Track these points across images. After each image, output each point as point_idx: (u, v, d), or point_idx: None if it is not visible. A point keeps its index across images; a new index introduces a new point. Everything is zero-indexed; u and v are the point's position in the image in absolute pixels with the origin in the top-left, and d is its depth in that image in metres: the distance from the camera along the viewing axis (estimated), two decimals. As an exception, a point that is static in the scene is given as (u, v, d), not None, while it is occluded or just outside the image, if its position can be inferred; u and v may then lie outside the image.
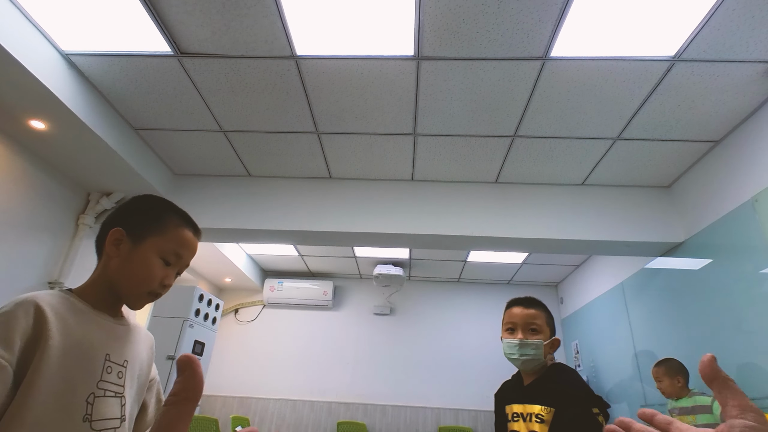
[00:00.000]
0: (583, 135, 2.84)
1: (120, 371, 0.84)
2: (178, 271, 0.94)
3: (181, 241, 0.92)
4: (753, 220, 2.45)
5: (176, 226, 0.92)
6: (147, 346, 0.97)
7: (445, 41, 2.18)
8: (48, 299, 0.79)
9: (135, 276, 0.86)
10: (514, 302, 1.51)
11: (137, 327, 0.96)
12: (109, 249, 0.88)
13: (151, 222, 0.91)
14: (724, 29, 2.03)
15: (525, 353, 1.40)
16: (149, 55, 2.36)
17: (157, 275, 0.87)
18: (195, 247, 0.95)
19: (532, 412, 1.33)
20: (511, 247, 3.50)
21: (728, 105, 2.49)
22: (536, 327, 1.43)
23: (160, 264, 0.88)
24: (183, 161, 3.42)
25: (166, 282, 0.89)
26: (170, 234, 0.91)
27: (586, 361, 4.58)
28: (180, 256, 0.91)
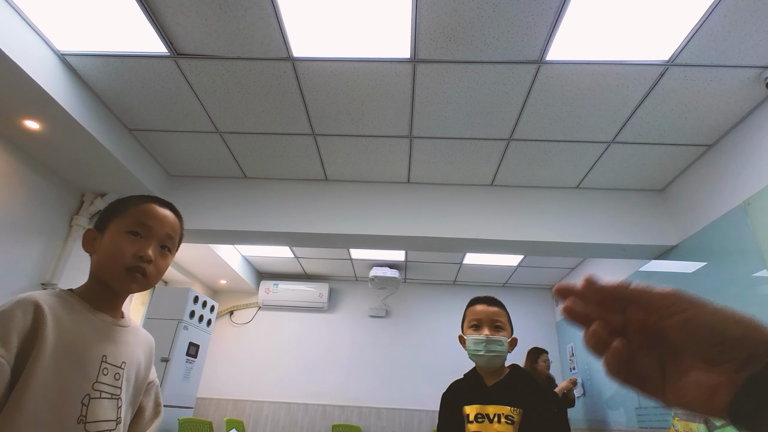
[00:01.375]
0: (578, 138, 2.86)
1: (117, 373, 0.84)
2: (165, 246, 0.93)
3: (142, 211, 0.91)
4: (745, 223, 2.48)
5: (136, 204, 0.92)
6: (146, 348, 0.97)
7: (441, 44, 2.20)
8: (47, 299, 0.80)
9: (107, 257, 0.86)
10: (476, 300, 1.52)
11: (137, 329, 0.96)
12: (87, 248, 0.91)
13: (115, 209, 0.92)
14: (717, 35, 2.05)
15: (492, 349, 1.40)
16: (145, 56, 2.36)
17: (127, 248, 0.86)
18: (164, 217, 0.93)
19: (500, 413, 1.33)
20: (506, 249, 3.51)
21: (721, 109, 2.51)
22: (500, 324, 1.44)
23: (127, 238, 0.87)
24: (178, 162, 3.40)
25: (141, 254, 0.86)
26: (131, 210, 0.91)
27: (581, 365, 4.59)
28: (146, 225, 0.89)
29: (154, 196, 0.97)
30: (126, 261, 0.85)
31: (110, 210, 0.93)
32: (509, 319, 1.49)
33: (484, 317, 1.45)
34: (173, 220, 0.97)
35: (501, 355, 1.41)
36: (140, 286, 0.89)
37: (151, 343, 1.00)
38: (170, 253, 0.96)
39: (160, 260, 0.91)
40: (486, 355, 1.40)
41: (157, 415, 0.97)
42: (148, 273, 0.88)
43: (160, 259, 0.91)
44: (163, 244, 0.93)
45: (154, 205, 0.94)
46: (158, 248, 0.91)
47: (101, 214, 0.94)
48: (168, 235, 0.93)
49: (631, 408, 3.56)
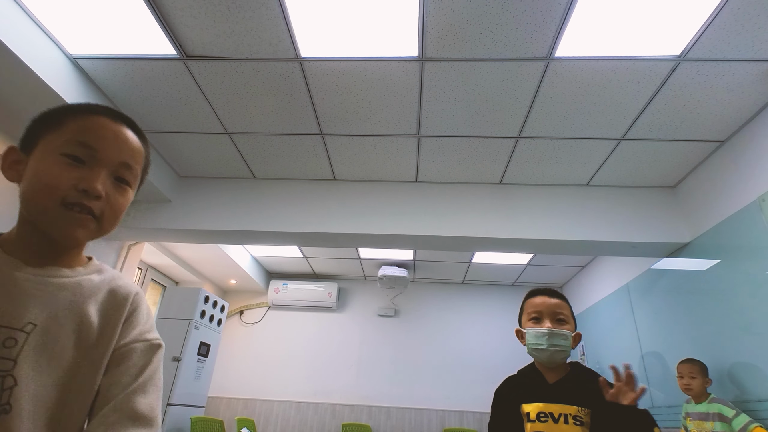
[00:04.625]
0: (587, 135, 2.83)
1: (12, 337, 0.58)
2: (120, 177, 0.68)
3: (84, 126, 0.66)
4: (759, 220, 2.44)
5: (76, 115, 0.67)
6: (109, 300, 0.70)
7: (448, 42, 2.19)
8: None
9: (34, 189, 0.62)
10: (536, 292, 1.42)
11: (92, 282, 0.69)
12: (8, 175, 0.67)
13: (45, 121, 0.68)
14: (730, 28, 2.02)
15: (555, 343, 1.29)
16: (155, 58, 2.38)
17: (61, 176, 0.62)
18: (117, 135, 0.68)
19: (567, 413, 1.23)
20: (515, 248, 3.49)
21: (734, 104, 2.47)
22: (563, 317, 1.34)
23: (61, 162, 0.63)
24: (188, 163, 3.43)
25: (83, 185, 0.62)
26: (68, 125, 0.66)
27: (591, 363, 4.55)
28: (88, 145, 0.64)
29: (103, 106, 0.70)
30: (62, 193, 0.61)
31: (39, 122, 0.68)
32: (572, 312, 1.39)
33: (544, 309, 1.35)
34: (133, 142, 0.70)
35: (564, 350, 1.30)
36: (88, 232, 0.64)
37: (125, 293, 0.72)
38: (129, 187, 0.70)
39: (116, 196, 0.67)
40: (549, 350, 1.30)
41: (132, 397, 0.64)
42: (99, 213, 0.64)
43: (116, 194, 0.67)
44: (119, 175, 0.68)
45: (101, 117, 0.68)
46: (110, 179, 0.66)
47: (27, 127, 0.68)
48: (124, 163, 0.68)
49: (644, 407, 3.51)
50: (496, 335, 5.21)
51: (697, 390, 2.55)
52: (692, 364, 2.63)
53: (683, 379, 2.62)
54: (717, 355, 2.69)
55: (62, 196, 0.61)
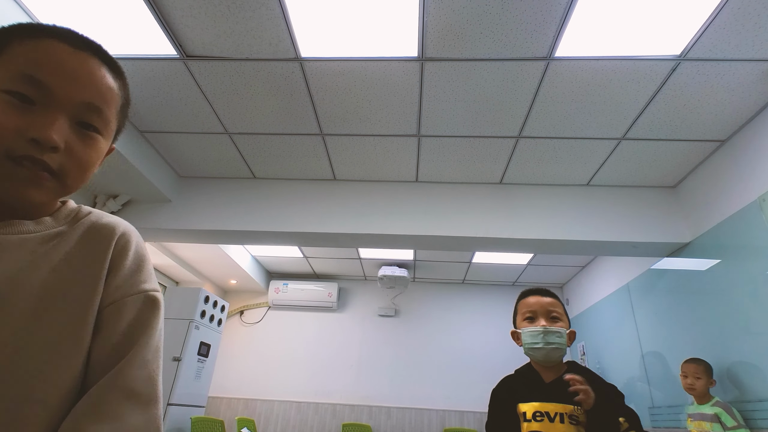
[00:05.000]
0: (587, 135, 2.83)
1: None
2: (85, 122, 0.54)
3: (34, 55, 0.51)
4: (760, 220, 2.43)
5: (23, 40, 0.52)
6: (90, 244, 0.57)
7: (448, 42, 2.19)
8: None
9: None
10: (528, 292, 1.44)
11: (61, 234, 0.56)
12: None
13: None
14: (730, 28, 2.01)
15: (551, 341, 1.31)
16: (155, 58, 2.38)
17: (2, 121, 0.48)
18: (76, 66, 0.53)
19: (562, 412, 1.24)
20: (516, 248, 3.49)
21: (734, 104, 2.47)
22: (557, 315, 1.36)
23: (3, 101, 0.49)
24: (188, 163, 3.44)
25: (32, 134, 0.48)
26: (14, 51, 0.51)
27: (592, 363, 4.55)
28: (39, 81, 0.50)
29: (61, 27, 0.55)
30: (4, 144, 0.48)
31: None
32: (565, 310, 1.40)
33: (538, 308, 1.37)
34: (100, 76, 0.55)
35: (560, 348, 1.31)
36: (46, 192, 0.52)
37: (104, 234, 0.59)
38: (100, 135, 0.56)
39: (80, 146, 0.53)
40: (544, 348, 1.31)
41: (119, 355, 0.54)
42: (58, 169, 0.51)
43: (80, 143, 0.53)
44: (83, 120, 0.54)
45: (57, 43, 0.53)
46: (71, 125, 0.53)
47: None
48: (88, 103, 0.54)
49: (645, 407, 3.52)
50: (496, 335, 5.21)
51: (700, 391, 2.54)
52: (698, 364, 2.61)
53: (687, 378, 2.60)
54: (717, 355, 2.69)
55: (6, 147, 0.48)
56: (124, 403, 0.52)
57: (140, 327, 0.57)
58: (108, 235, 0.58)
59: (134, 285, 0.58)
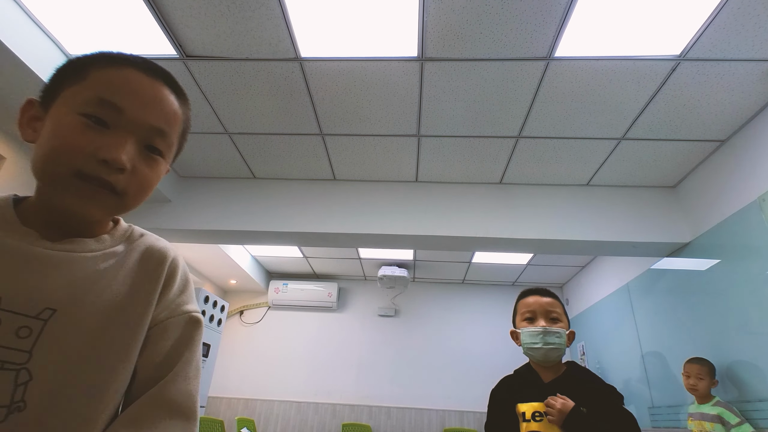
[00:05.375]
0: (587, 135, 2.83)
1: (26, 326, 0.50)
2: (152, 146, 0.57)
3: (111, 80, 0.55)
4: (760, 220, 2.44)
5: (102, 67, 0.56)
6: (145, 268, 0.61)
7: (448, 42, 2.19)
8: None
9: (45, 152, 0.52)
10: (528, 292, 1.44)
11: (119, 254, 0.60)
12: (24, 133, 0.57)
13: (67, 71, 0.57)
14: (730, 28, 2.01)
15: (549, 341, 1.31)
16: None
17: (77, 142, 0.51)
18: (148, 91, 0.57)
19: None
20: (515, 248, 3.49)
21: (734, 104, 2.47)
22: (556, 315, 1.36)
23: (79, 123, 0.52)
24: (188, 163, 3.43)
25: (103, 155, 0.51)
26: (91, 77, 0.55)
27: (592, 363, 4.55)
28: (114, 105, 0.53)
29: (136, 56, 0.59)
30: (76, 162, 0.51)
31: (61, 72, 0.57)
32: (565, 311, 1.40)
33: (537, 308, 1.37)
34: (170, 102, 0.59)
35: (559, 348, 1.31)
36: (107, 210, 0.55)
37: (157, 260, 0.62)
38: (162, 158, 0.59)
39: (144, 168, 0.56)
40: (543, 348, 1.31)
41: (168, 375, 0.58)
42: (121, 188, 0.53)
43: (144, 166, 0.56)
44: (150, 143, 0.56)
45: (132, 70, 0.57)
46: (139, 148, 0.55)
47: (50, 78, 0.58)
48: (157, 128, 0.57)
49: (644, 407, 3.52)
50: (496, 335, 5.21)
51: (702, 391, 2.53)
52: (701, 365, 2.59)
53: (690, 378, 2.59)
54: (717, 355, 2.69)
55: (78, 166, 0.51)
56: (165, 417, 0.55)
57: (183, 346, 0.61)
58: (162, 260, 0.63)
59: (179, 307, 0.63)
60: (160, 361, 0.58)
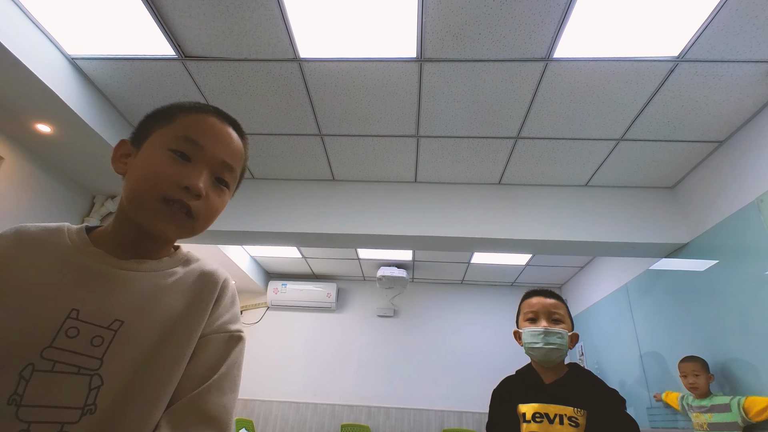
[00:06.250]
0: (586, 136, 2.84)
1: (98, 336, 0.56)
2: (221, 178, 0.68)
3: (194, 123, 0.67)
4: (758, 221, 2.44)
5: (188, 113, 0.69)
6: (196, 291, 0.68)
7: (447, 43, 2.19)
8: (32, 228, 0.63)
9: (138, 181, 0.63)
10: (532, 293, 1.45)
11: (181, 272, 0.69)
12: (117, 167, 0.68)
13: (158, 117, 0.69)
14: (728, 29, 2.02)
15: (551, 342, 1.31)
16: (153, 59, 2.38)
17: (166, 171, 0.62)
18: (224, 135, 0.69)
19: (562, 414, 1.24)
20: (514, 248, 3.49)
21: (732, 105, 2.48)
22: (559, 317, 1.37)
23: (167, 157, 0.63)
24: (187, 164, 3.43)
25: (185, 182, 0.62)
26: (179, 120, 0.67)
27: (590, 363, 4.56)
28: (195, 142, 0.65)
29: (212, 106, 0.72)
30: (163, 188, 0.61)
31: (152, 117, 0.69)
32: (568, 312, 1.41)
33: (540, 309, 1.38)
34: (237, 143, 0.71)
35: (560, 349, 1.32)
36: (181, 230, 0.64)
37: (211, 281, 0.71)
38: (228, 189, 0.70)
39: (214, 196, 0.67)
40: (544, 348, 1.32)
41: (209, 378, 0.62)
42: (195, 212, 0.64)
43: (214, 194, 0.67)
44: (219, 176, 0.68)
45: (211, 116, 0.70)
46: (212, 179, 0.67)
47: (140, 123, 0.70)
48: (226, 163, 0.68)
49: (642, 408, 3.52)
50: (495, 335, 5.21)
51: (703, 388, 2.56)
52: (694, 361, 2.64)
53: (687, 378, 2.62)
54: (715, 355, 2.69)
55: (164, 191, 0.61)
56: (196, 426, 0.59)
57: (221, 360, 0.65)
58: (215, 282, 0.71)
59: (223, 324, 0.69)
60: (198, 373, 0.62)
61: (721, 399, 2.45)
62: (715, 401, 2.47)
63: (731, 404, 2.37)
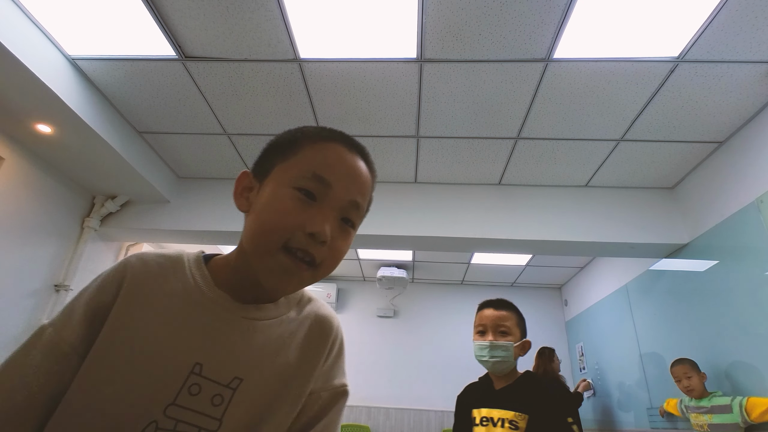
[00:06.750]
0: (586, 136, 2.84)
1: (219, 394, 0.53)
2: (347, 219, 0.58)
3: (319, 156, 0.58)
4: (758, 221, 2.44)
5: (313, 142, 0.60)
6: (309, 342, 0.63)
7: (447, 43, 2.19)
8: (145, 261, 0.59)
9: (261, 223, 0.55)
10: (485, 304, 1.52)
11: (295, 319, 0.64)
12: (239, 203, 0.61)
13: (281, 148, 0.61)
14: (728, 30, 2.02)
15: (495, 355, 1.40)
16: (154, 59, 2.38)
17: (289, 216, 0.53)
18: (351, 167, 0.59)
19: (504, 417, 1.32)
20: (514, 249, 3.50)
21: (732, 106, 2.48)
22: (506, 329, 1.44)
23: (292, 197, 0.55)
24: (187, 164, 3.43)
25: (311, 228, 0.53)
26: (303, 152, 0.59)
27: (590, 364, 4.56)
28: (324, 180, 0.56)
29: (339, 132, 0.63)
30: (286, 235, 0.53)
31: (275, 147, 0.61)
32: (519, 321, 1.48)
33: (488, 323, 1.46)
34: (366, 178, 0.61)
35: (505, 361, 1.40)
36: (302, 284, 0.57)
37: (325, 331, 0.66)
38: (353, 230, 0.61)
39: (339, 241, 0.57)
40: (490, 361, 1.41)
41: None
42: (319, 260, 0.55)
43: (339, 238, 0.57)
44: (346, 216, 0.58)
45: (339, 146, 0.60)
46: (338, 221, 0.57)
47: (262, 152, 0.62)
48: (354, 202, 0.58)
49: (642, 408, 3.52)
50: (495, 336, 5.20)
51: (699, 388, 2.56)
52: (683, 364, 2.65)
53: (681, 381, 2.62)
54: (715, 356, 2.69)
55: (287, 238, 0.53)
56: None
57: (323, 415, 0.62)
58: (328, 330, 0.67)
59: (331, 379, 0.65)
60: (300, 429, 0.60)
61: (722, 400, 2.44)
62: (715, 402, 2.47)
63: (732, 405, 2.37)
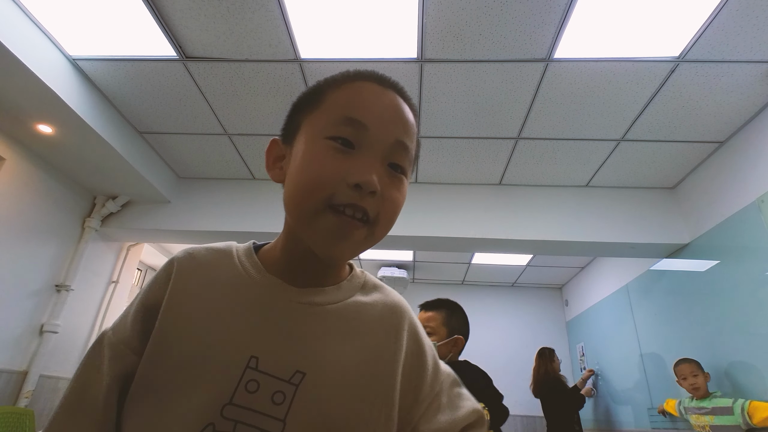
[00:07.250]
0: (587, 136, 2.84)
1: (280, 391, 0.46)
2: (395, 164, 0.50)
3: (348, 97, 0.51)
4: (759, 221, 2.44)
5: (338, 85, 0.53)
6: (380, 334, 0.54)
7: (447, 44, 2.19)
8: (202, 251, 0.55)
9: (295, 185, 0.49)
10: (420, 307, 1.57)
11: (364, 303, 0.55)
12: (273, 174, 0.56)
13: (306, 101, 0.54)
14: (729, 30, 2.02)
15: None
16: (154, 60, 2.38)
17: (326, 169, 0.47)
18: (389, 104, 0.51)
19: None
20: (515, 249, 3.49)
21: (733, 106, 2.48)
22: (430, 329, 1.48)
23: (325, 148, 0.48)
24: (187, 164, 3.43)
25: (354, 178, 0.46)
26: (330, 97, 0.52)
27: (591, 364, 4.55)
28: (358, 122, 0.48)
29: (368, 70, 0.54)
30: (328, 192, 0.46)
31: (298, 103, 0.55)
32: (446, 320, 1.51)
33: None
34: (408, 115, 0.53)
35: None
36: (360, 246, 0.49)
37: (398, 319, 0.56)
38: (405, 177, 0.53)
39: (392, 190, 0.50)
40: None
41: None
42: (374, 214, 0.48)
43: (391, 187, 0.50)
44: (393, 161, 0.50)
45: (368, 83, 0.53)
46: (385, 168, 0.50)
47: (288, 113, 0.56)
48: (400, 142, 0.51)
49: (643, 408, 3.52)
50: (495, 336, 5.20)
51: (703, 387, 2.56)
52: (690, 363, 2.64)
53: (687, 379, 2.60)
54: (716, 356, 2.69)
55: (329, 196, 0.46)
56: None
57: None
58: (400, 320, 0.57)
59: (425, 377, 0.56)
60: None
61: (723, 401, 2.43)
62: (715, 403, 2.46)
63: (734, 407, 2.35)
